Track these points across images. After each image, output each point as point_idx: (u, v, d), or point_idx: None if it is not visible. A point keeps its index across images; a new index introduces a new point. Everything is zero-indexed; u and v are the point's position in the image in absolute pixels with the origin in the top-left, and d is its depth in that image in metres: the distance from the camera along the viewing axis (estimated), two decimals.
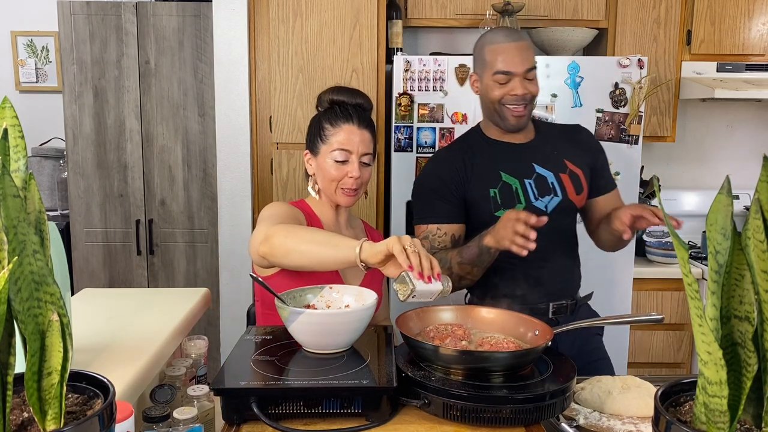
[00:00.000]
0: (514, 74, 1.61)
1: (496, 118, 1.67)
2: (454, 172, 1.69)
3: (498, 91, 1.63)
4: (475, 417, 1.04)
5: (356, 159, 1.54)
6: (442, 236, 1.67)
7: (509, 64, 1.61)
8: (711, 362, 0.67)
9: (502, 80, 1.62)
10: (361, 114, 1.58)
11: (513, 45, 1.61)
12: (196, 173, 3.00)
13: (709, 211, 0.68)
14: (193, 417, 1.10)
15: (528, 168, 1.69)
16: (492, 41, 1.64)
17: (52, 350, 0.67)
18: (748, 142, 3.27)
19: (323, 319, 1.20)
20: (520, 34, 1.66)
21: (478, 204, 1.67)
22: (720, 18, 2.87)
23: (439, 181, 1.70)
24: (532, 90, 1.63)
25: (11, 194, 0.63)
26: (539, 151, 1.71)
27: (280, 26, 2.66)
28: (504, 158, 1.69)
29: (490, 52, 1.64)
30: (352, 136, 1.54)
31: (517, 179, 1.67)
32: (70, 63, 2.92)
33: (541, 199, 1.67)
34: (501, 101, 1.63)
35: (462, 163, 1.70)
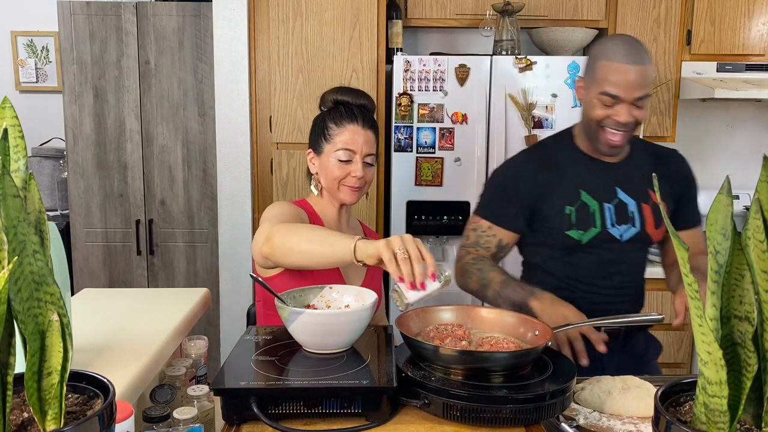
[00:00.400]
0: (621, 99, 1.48)
1: (591, 137, 1.57)
2: (533, 182, 1.61)
3: (600, 111, 1.51)
4: (475, 417, 1.04)
5: (360, 159, 1.55)
6: (490, 236, 1.62)
7: (619, 88, 1.47)
8: (711, 362, 0.67)
9: (607, 102, 1.49)
10: (365, 114, 1.58)
11: (629, 68, 1.46)
12: (196, 173, 3.00)
13: (709, 211, 0.68)
14: (193, 417, 1.10)
15: (610, 191, 1.60)
16: (609, 56, 1.49)
17: (52, 350, 0.67)
18: (748, 142, 3.27)
19: (323, 319, 1.20)
20: (642, 56, 1.48)
21: (550, 218, 1.60)
22: (720, 18, 2.87)
23: (512, 183, 1.63)
24: (638, 117, 1.50)
25: (11, 194, 0.63)
26: (626, 174, 1.62)
27: (280, 26, 2.66)
28: (588, 176, 1.61)
29: (603, 68, 1.49)
30: (356, 136, 1.54)
31: (597, 201, 1.59)
32: (70, 63, 2.92)
33: (618, 227, 1.59)
34: (601, 123, 1.52)
35: (544, 175, 1.61)
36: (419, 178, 2.61)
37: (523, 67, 2.58)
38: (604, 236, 1.59)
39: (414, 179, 2.61)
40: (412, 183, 2.62)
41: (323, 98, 1.63)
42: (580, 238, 1.58)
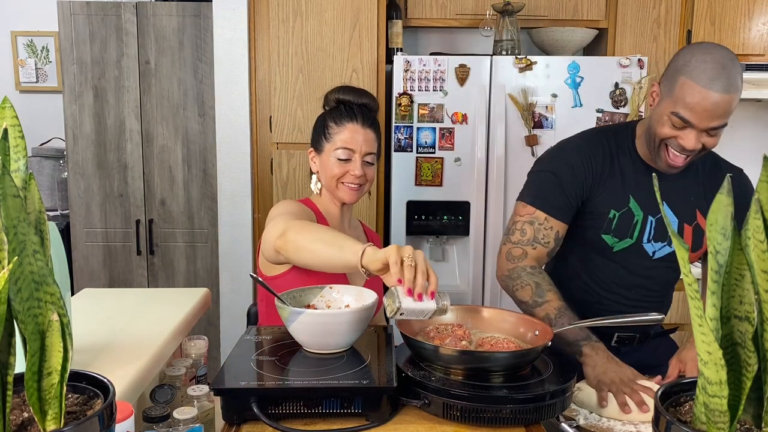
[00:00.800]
0: (693, 126, 1.35)
1: (652, 148, 1.46)
2: (589, 170, 1.51)
3: (667, 130, 1.39)
4: (475, 417, 1.04)
5: (359, 158, 1.55)
6: (548, 229, 1.50)
7: (695, 115, 1.34)
8: (711, 362, 0.67)
9: (677, 123, 1.37)
10: (365, 113, 1.59)
11: (713, 95, 1.31)
12: (196, 173, 3.00)
13: (709, 211, 0.68)
14: (193, 417, 1.10)
15: (657, 204, 1.49)
16: (693, 76, 1.33)
17: (52, 350, 0.67)
18: (748, 142, 3.27)
19: (323, 319, 1.20)
20: (731, 82, 1.31)
21: (591, 215, 1.52)
22: (720, 18, 2.87)
23: (570, 170, 1.51)
24: (707, 144, 1.39)
25: (11, 194, 0.63)
26: (676, 189, 1.51)
27: (280, 26, 2.66)
28: (640, 183, 1.51)
29: (683, 86, 1.34)
30: (356, 135, 1.55)
31: (643, 212, 1.51)
32: (70, 63, 2.92)
33: (653, 243, 1.52)
34: (663, 141, 1.41)
35: (600, 165, 1.51)
36: (419, 178, 2.61)
37: (523, 67, 2.58)
38: (637, 250, 1.52)
39: (414, 179, 2.61)
40: (412, 183, 2.62)
41: (326, 98, 1.64)
42: (612, 245, 1.52)
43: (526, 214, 1.52)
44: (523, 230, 1.52)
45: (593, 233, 1.52)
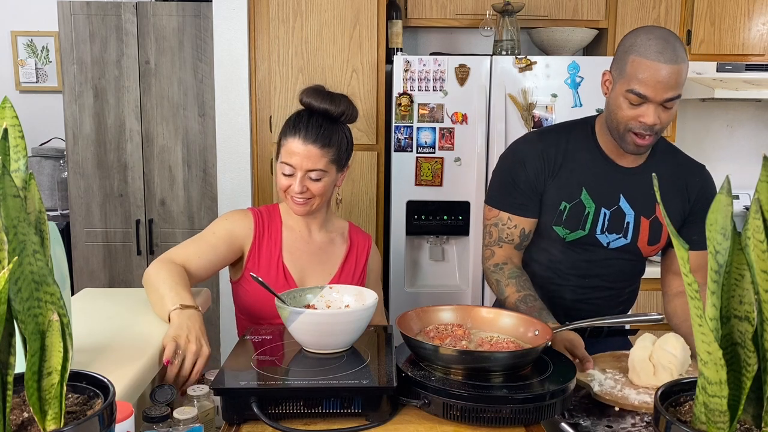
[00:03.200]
0: (650, 100, 1.39)
1: (617, 136, 1.48)
2: (541, 164, 1.54)
3: (627, 111, 1.42)
4: (475, 417, 1.04)
5: (300, 175, 1.49)
6: (512, 228, 1.56)
7: (649, 88, 1.38)
8: (711, 362, 0.67)
9: (634, 101, 1.40)
10: (315, 126, 1.49)
11: (661, 67, 1.36)
12: (196, 173, 3.00)
13: (709, 211, 0.68)
14: (193, 417, 1.10)
15: (613, 197, 1.53)
16: (641, 52, 1.38)
17: (52, 350, 0.67)
18: (748, 142, 3.27)
19: (323, 319, 1.20)
20: (677, 52, 1.37)
21: (547, 209, 1.56)
22: (720, 18, 2.87)
23: (521, 167, 1.55)
24: (664, 119, 1.41)
25: (11, 194, 0.63)
26: (635, 182, 1.54)
27: (280, 26, 2.66)
28: (595, 175, 1.54)
29: (634, 64, 1.39)
30: (297, 152, 1.49)
31: (596, 204, 1.53)
32: (70, 63, 2.92)
33: (607, 235, 1.54)
34: (627, 124, 1.44)
35: (552, 158, 1.54)
36: (419, 178, 2.61)
37: (523, 67, 2.58)
38: (590, 240, 1.55)
39: (414, 179, 2.61)
40: (412, 183, 2.62)
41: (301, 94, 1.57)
42: (564, 236, 1.55)
43: (492, 216, 1.60)
44: (490, 233, 1.60)
45: (545, 225, 1.57)
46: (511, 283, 1.53)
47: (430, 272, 2.74)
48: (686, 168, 1.59)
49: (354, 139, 2.77)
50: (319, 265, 1.59)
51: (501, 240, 1.58)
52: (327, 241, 1.62)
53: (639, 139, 1.44)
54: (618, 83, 1.44)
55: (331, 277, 1.60)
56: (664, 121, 1.43)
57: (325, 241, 1.62)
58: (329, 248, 1.62)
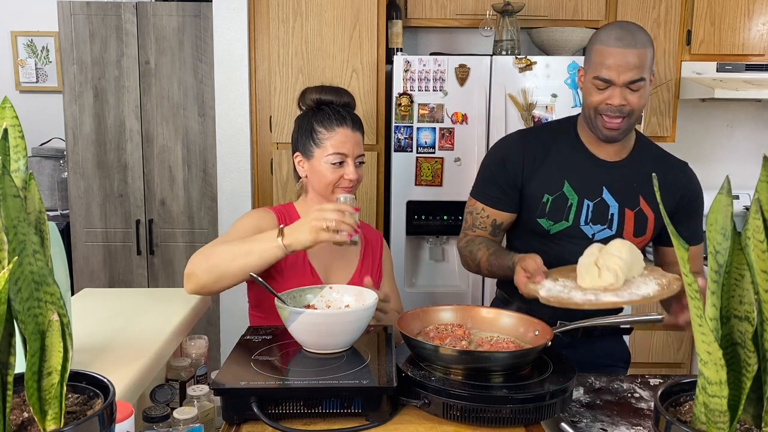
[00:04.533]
0: (613, 83, 1.46)
1: (590, 123, 1.55)
2: (520, 161, 1.60)
3: (595, 96, 1.50)
4: (475, 417, 1.04)
5: (352, 161, 1.53)
6: (484, 218, 1.64)
7: (611, 71, 1.46)
8: (711, 362, 0.67)
9: (600, 86, 1.48)
10: (353, 116, 1.57)
11: (621, 51, 1.44)
12: (196, 173, 3.00)
13: (709, 211, 0.68)
14: (193, 417, 1.10)
15: (596, 189, 1.57)
16: (602, 41, 1.49)
17: (52, 350, 0.67)
18: (748, 142, 3.28)
19: (323, 319, 1.20)
20: (636, 37, 1.46)
21: (529, 202, 1.60)
22: (720, 18, 2.87)
23: (501, 164, 1.62)
24: (631, 102, 1.47)
25: (11, 194, 0.63)
26: (619, 175, 1.58)
27: (280, 26, 2.66)
28: (577, 168, 1.58)
29: (597, 52, 1.49)
30: (347, 139, 1.53)
31: (578, 196, 1.56)
32: (70, 63, 2.92)
33: (591, 226, 1.56)
34: (596, 108, 1.51)
35: (532, 155, 1.60)
36: (419, 178, 2.61)
37: (523, 67, 2.58)
38: (575, 232, 1.57)
39: (414, 179, 2.61)
40: (412, 183, 2.62)
41: (303, 97, 1.59)
42: (548, 228, 1.57)
43: (470, 205, 1.69)
44: (466, 219, 1.70)
45: (529, 218, 1.60)
46: (482, 247, 1.59)
47: (430, 272, 2.74)
48: (669, 165, 1.64)
49: None
50: (340, 261, 1.60)
51: (474, 226, 1.66)
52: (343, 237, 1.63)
53: (608, 121, 1.50)
54: (587, 75, 1.53)
55: (353, 273, 1.61)
56: (634, 103, 1.48)
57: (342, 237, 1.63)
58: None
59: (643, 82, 1.47)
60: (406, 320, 1.27)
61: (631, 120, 1.51)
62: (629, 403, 1.24)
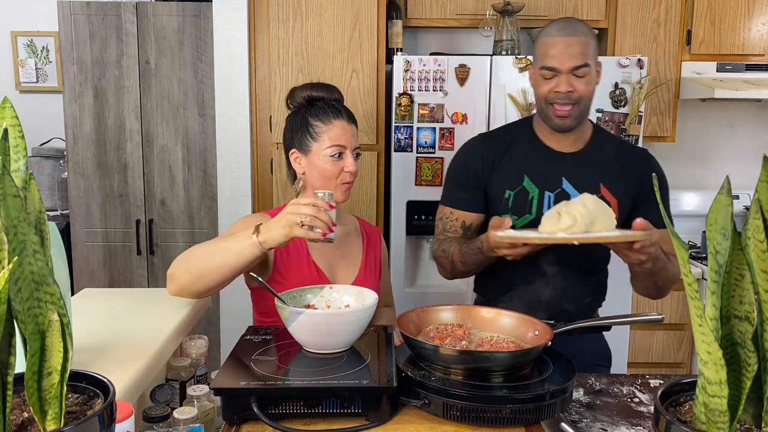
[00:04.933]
0: (559, 71, 1.52)
1: (543, 115, 1.60)
2: (480, 162, 1.65)
3: (544, 87, 1.55)
4: (475, 417, 1.04)
5: (351, 153, 1.54)
6: (453, 221, 1.66)
7: (554, 60, 1.52)
8: (711, 362, 0.67)
9: (547, 75, 1.54)
10: (347, 109, 1.58)
11: (562, 40, 1.52)
12: (196, 173, 3.00)
13: (709, 211, 0.68)
14: (193, 417, 1.10)
15: (555, 180, 1.60)
16: (545, 34, 1.57)
17: (52, 350, 0.67)
18: (748, 142, 3.28)
19: (323, 319, 1.20)
20: (576, 28, 1.55)
21: (493, 200, 1.64)
22: (720, 18, 2.87)
23: (463, 167, 1.68)
24: (578, 88, 1.52)
25: (11, 194, 0.63)
26: (577, 165, 1.61)
27: (280, 26, 2.66)
28: (535, 162, 1.62)
29: (541, 45, 1.56)
30: (345, 131, 1.53)
31: (538, 189, 1.60)
32: (70, 63, 2.92)
33: None
34: (546, 98, 1.56)
35: (492, 155, 1.64)
36: (419, 178, 2.61)
37: (523, 67, 2.58)
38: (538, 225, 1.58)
39: (414, 179, 2.62)
40: (412, 183, 2.62)
41: (293, 95, 1.60)
42: (515, 223, 1.58)
43: (439, 212, 1.71)
44: (437, 226, 1.72)
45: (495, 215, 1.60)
46: (453, 244, 1.63)
47: (430, 272, 2.74)
48: (629, 152, 1.68)
49: None
50: (343, 259, 1.60)
51: (446, 231, 1.68)
52: (344, 234, 1.64)
53: (559, 109, 1.54)
54: (535, 68, 1.59)
55: (357, 270, 1.61)
56: (581, 90, 1.53)
57: (342, 234, 1.63)
58: (347, 241, 1.64)
59: (588, 68, 1.53)
60: (406, 320, 1.27)
61: (580, 107, 1.55)
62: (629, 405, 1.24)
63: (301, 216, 1.30)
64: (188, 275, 1.39)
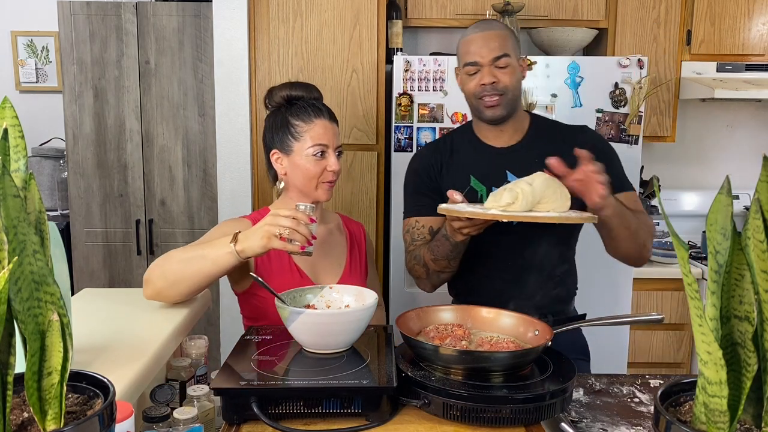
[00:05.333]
0: (480, 64, 1.58)
1: (475, 111, 1.65)
2: (430, 167, 1.69)
3: (470, 83, 1.61)
4: (475, 417, 1.04)
5: (333, 152, 1.53)
6: (420, 228, 1.67)
7: (475, 54, 1.58)
8: (711, 362, 0.67)
9: (471, 71, 1.60)
10: (327, 108, 1.57)
11: (479, 35, 1.59)
12: (196, 173, 3.00)
13: (709, 211, 0.68)
14: (193, 417, 1.10)
15: (500, 175, 1.62)
16: (464, 34, 1.63)
17: (52, 350, 0.67)
18: (748, 142, 3.28)
19: (323, 319, 1.20)
20: (492, 24, 1.63)
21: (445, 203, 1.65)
22: (720, 18, 2.87)
23: (416, 174, 1.72)
24: (502, 79, 1.57)
25: (11, 194, 0.63)
26: (518, 157, 1.64)
27: (280, 26, 2.66)
28: (478, 162, 1.66)
29: (461, 45, 1.62)
30: (327, 130, 1.53)
31: (485, 186, 1.62)
32: (70, 63, 2.92)
33: None
34: (474, 93, 1.61)
35: (438, 160, 1.69)
36: None
37: None
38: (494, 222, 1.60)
39: None
40: None
41: (271, 95, 1.59)
42: None
43: (405, 226, 1.72)
44: (405, 240, 1.72)
45: None
46: (422, 248, 1.64)
47: None
48: (568, 133, 1.69)
49: (354, 139, 2.79)
50: (326, 259, 1.59)
51: (415, 241, 1.68)
52: (326, 233, 1.63)
53: (488, 100, 1.59)
54: (460, 69, 1.64)
55: (342, 269, 1.61)
56: (505, 80, 1.57)
57: (324, 234, 1.62)
58: (331, 241, 1.63)
59: (508, 58, 1.57)
60: (406, 320, 1.27)
61: (508, 96, 1.59)
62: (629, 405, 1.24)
63: (281, 228, 1.30)
64: (163, 281, 1.40)
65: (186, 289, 1.41)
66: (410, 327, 1.26)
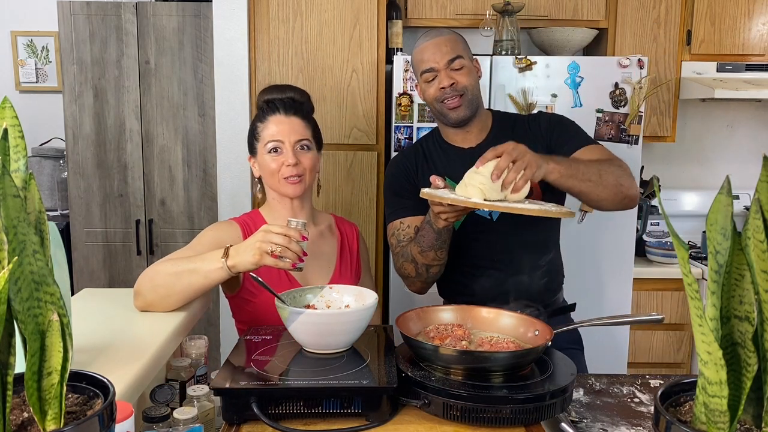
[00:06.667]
0: (436, 69, 1.61)
1: (440, 116, 1.67)
2: (407, 171, 1.72)
3: (429, 90, 1.63)
4: (475, 417, 1.04)
5: (289, 147, 1.53)
6: (405, 229, 1.68)
7: (429, 61, 1.62)
8: (711, 362, 0.67)
9: (429, 78, 1.63)
10: (288, 104, 1.58)
11: (430, 43, 1.62)
12: (196, 173, 3.00)
13: (709, 211, 0.68)
14: (193, 417, 1.10)
15: None
16: (416, 45, 1.66)
17: (52, 350, 0.67)
18: (748, 142, 3.28)
19: (323, 319, 1.20)
20: (441, 31, 1.66)
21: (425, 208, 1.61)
22: (720, 18, 2.87)
23: (394, 178, 1.74)
24: (459, 80, 1.60)
25: (11, 194, 0.63)
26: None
27: (280, 26, 2.66)
28: (450, 164, 1.68)
29: (415, 55, 1.66)
30: (281, 125, 1.54)
31: None
32: (70, 63, 2.92)
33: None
34: (436, 98, 1.63)
35: (413, 164, 1.72)
36: None
37: (523, 67, 2.58)
38: (475, 218, 1.63)
39: None
40: None
41: (257, 103, 1.64)
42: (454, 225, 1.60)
43: (390, 230, 1.73)
44: (391, 244, 1.73)
45: None
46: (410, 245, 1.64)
47: None
48: (527, 121, 1.74)
49: (354, 139, 2.79)
50: (315, 261, 1.59)
51: (401, 242, 1.68)
52: (317, 234, 1.62)
53: (449, 103, 1.62)
54: (418, 79, 1.67)
55: (332, 270, 1.60)
56: (463, 81, 1.61)
57: (314, 235, 1.61)
58: (320, 242, 1.63)
59: (463, 60, 1.61)
60: (406, 320, 1.27)
61: (468, 96, 1.62)
62: (629, 405, 1.24)
63: (272, 245, 1.30)
64: (153, 294, 1.41)
65: (177, 302, 1.42)
66: (410, 327, 1.26)
